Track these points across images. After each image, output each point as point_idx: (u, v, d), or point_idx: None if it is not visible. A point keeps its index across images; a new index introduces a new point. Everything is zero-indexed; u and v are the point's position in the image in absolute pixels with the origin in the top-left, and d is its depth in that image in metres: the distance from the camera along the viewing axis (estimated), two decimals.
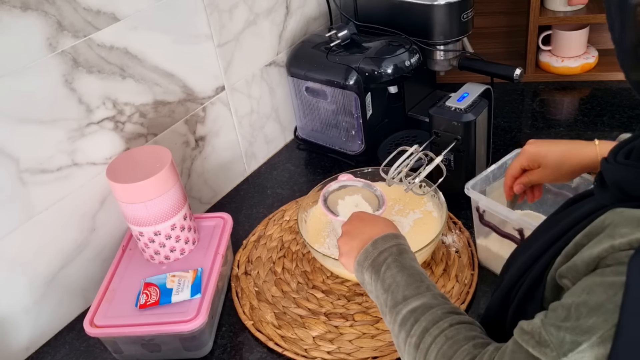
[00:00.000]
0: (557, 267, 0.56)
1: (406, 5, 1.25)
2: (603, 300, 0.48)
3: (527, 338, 0.52)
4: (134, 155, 0.99)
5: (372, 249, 0.74)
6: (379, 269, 0.72)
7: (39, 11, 0.86)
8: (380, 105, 1.31)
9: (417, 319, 0.64)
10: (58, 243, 0.99)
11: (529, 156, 0.87)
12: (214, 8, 1.15)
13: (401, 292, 0.67)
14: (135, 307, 0.93)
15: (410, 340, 0.63)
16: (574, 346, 0.48)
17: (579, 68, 1.53)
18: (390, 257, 0.72)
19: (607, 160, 0.57)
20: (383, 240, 0.74)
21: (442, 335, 0.61)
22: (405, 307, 0.66)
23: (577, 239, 0.54)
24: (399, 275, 0.69)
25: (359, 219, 0.82)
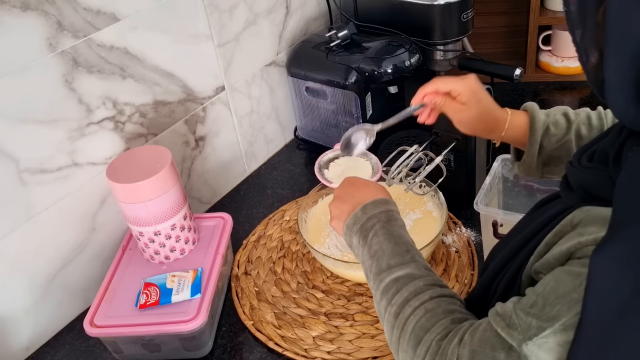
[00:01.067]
0: (530, 266, 0.58)
1: (406, 5, 1.25)
2: (569, 289, 0.49)
3: (499, 319, 0.54)
4: (134, 155, 0.99)
5: (362, 214, 0.74)
6: (366, 234, 0.72)
7: (39, 11, 0.86)
8: (380, 105, 1.31)
9: (399, 289, 0.64)
10: (58, 243, 0.99)
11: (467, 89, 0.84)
12: (214, 8, 1.15)
13: (386, 260, 0.68)
14: (135, 307, 0.93)
15: (391, 309, 0.64)
16: (538, 331, 0.50)
17: (579, 68, 1.52)
18: (378, 224, 0.72)
19: (571, 164, 0.59)
20: (373, 205, 0.74)
21: (421, 307, 0.62)
22: (389, 275, 0.66)
23: (547, 238, 0.56)
24: (385, 242, 0.70)
25: (351, 184, 0.82)
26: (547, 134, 0.82)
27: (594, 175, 0.54)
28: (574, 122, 0.83)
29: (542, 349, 0.50)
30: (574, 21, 0.50)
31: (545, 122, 0.82)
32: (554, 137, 0.82)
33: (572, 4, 0.49)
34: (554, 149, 0.82)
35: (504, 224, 0.94)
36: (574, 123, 0.83)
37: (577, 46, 0.51)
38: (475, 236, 1.09)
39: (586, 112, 0.84)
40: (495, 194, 1.04)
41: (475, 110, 0.84)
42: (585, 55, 0.50)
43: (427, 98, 0.87)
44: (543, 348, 0.50)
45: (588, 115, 0.83)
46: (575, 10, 0.49)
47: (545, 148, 0.83)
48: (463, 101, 0.84)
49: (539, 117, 0.83)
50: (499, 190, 1.06)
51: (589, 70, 0.50)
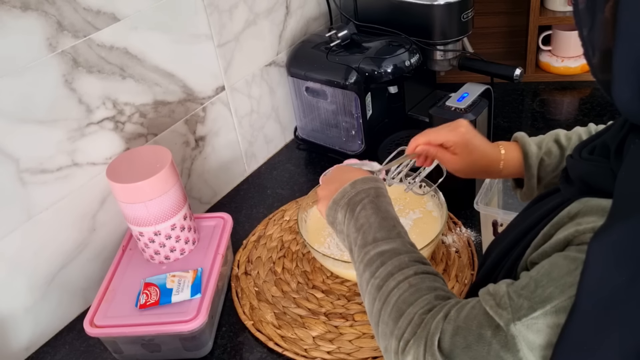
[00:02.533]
0: (526, 258, 0.58)
1: (406, 5, 1.25)
2: (563, 273, 0.50)
3: (489, 298, 0.54)
4: (134, 155, 0.99)
5: (350, 189, 0.74)
6: (354, 207, 0.72)
7: (39, 11, 0.86)
8: (380, 105, 1.31)
9: (384, 262, 0.64)
10: (58, 243, 0.99)
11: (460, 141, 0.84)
12: (214, 8, 1.15)
13: (372, 233, 0.68)
14: (135, 307, 0.93)
15: (374, 282, 0.64)
16: (529, 312, 0.50)
17: (579, 68, 1.53)
18: (366, 198, 0.72)
19: (571, 157, 0.59)
20: (362, 182, 0.74)
21: (405, 282, 0.62)
22: (374, 249, 0.66)
23: (545, 230, 0.57)
24: (373, 216, 0.70)
25: (340, 168, 0.82)
26: (542, 165, 0.82)
27: (594, 167, 0.55)
28: (567, 149, 0.82)
29: (530, 329, 0.50)
30: (581, 17, 0.50)
31: (539, 155, 0.82)
32: (549, 167, 0.82)
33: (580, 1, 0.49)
34: (552, 177, 0.83)
35: (504, 224, 0.94)
36: (567, 149, 0.82)
37: (584, 41, 0.51)
38: (475, 236, 1.09)
39: (578, 135, 0.83)
40: (495, 194, 1.04)
41: (468, 159, 0.84)
42: (592, 51, 0.50)
43: (419, 149, 0.87)
44: (532, 329, 0.50)
45: (580, 137, 0.83)
46: (584, 6, 0.49)
47: (543, 178, 0.83)
48: (456, 152, 0.84)
49: (532, 152, 0.82)
50: (499, 190, 1.06)
51: (594, 66, 0.50)
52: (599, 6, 0.47)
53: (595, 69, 0.50)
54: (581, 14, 0.50)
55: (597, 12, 0.47)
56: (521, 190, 0.86)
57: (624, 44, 0.45)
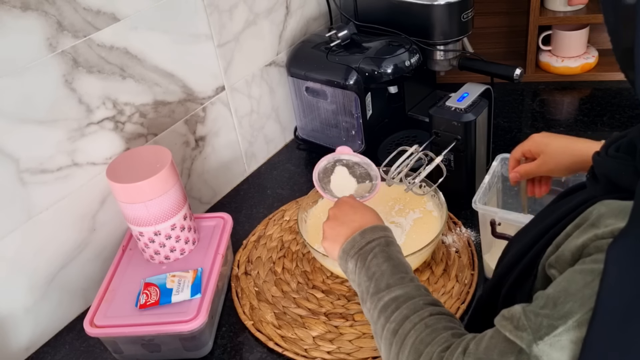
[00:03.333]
0: (547, 257, 0.57)
1: (406, 5, 1.25)
2: (581, 286, 0.48)
3: (506, 323, 0.53)
4: (134, 155, 0.99)
5: (360, 238, 0.74)
6: (365, 257, 0.72)
7: (39, 11, 0.86)
8: (380, 105, 1.31)
9: (399, 307, 0.64)
10: (58, 243, 0.99)
11: (532, 143, 0.89)
12: (214, 8, 1.15)
13: (385, 280, 0.68)
14: (135, 307, 0.93)
15: (390, 326, 0.63)
16: (550, 330, 0.49)
17: (579, 68, 1.53)
18: (377, 247, 0.72)
19: (598, 154, 0.59)
20: (372, 231, 0.75)
21: (421, 323, 0.61)
22: (388, 294, 0.66)
23: (568, 229, 0.55)
24: (384, 264, 0.70)
25: (349, 206, 0.82)
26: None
27: (619, 164, 0.54)
28: None
29: (554, 347, 0.48)
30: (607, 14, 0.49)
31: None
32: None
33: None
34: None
35: (502, 223, 0.94)
36: None
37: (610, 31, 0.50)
38: (476, 236, 1.09)
39: None
40: (494, 193, 1.04)
41: (564, 161, 0.86)
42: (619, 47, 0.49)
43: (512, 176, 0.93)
44: (555, 347, 0.48)
45: None
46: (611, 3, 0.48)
47: None
48: (535, 155, 0.88)
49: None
50: (498, 190, 1.06)
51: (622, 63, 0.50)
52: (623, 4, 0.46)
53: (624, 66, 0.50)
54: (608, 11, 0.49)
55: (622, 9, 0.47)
56: None
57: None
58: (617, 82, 1.51)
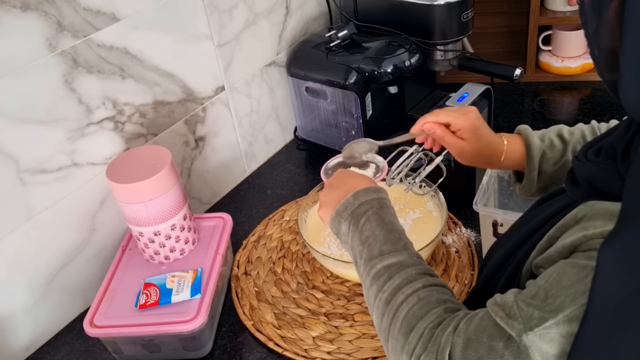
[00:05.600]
0: (531, 260, 0.58)
1: (406, 5, 1.25)
2: (573, 281, 0.49)
3: (498, 309, 0.54)
4: (134, 155, 0.99)
5: (353, 200, 0.73)
6: (358, 219, 0.71)
7: (39, 11, 0.86)
8: (380, 105, 1.31)
9: (391, 276, 0.64)
10: (58, 243, 0.99)
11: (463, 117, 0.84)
12: (214, 8, 1.15)
13: (378, 246, 0.67)
14: (135, 308, 0.93)
15: (382, 296, 0.63)
16: (540, 322, 0.50)
17: (579, 68, 1.53)
18: (370, 210, 0.71)
19: (577, 159, 0.59)
20: (365, 192, 0.74)
21: (414, 295, 0.61)
22: (381, 262, 0.66)
23: (551, 232, 0.56)
24: (377, 229, 0.69)
25: (343, 173, 0.82)
26: (544, 158, 0.82)
27: (601, 169, 0.54)
28: (569, 143, 0.82)
29: (543, 339, 0.50)
30: (587, 16, 0.49)
31: (541, 148, 0.82)
32: (551, 160, 0.82)
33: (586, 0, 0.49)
34: (553, 171, 0.82)
35: (504, 224, 0.94)
36: (570, 143, 0.82)
37: (589, 41, 0.50)
38: (475, 236, 1.09)
39: (581, 130, 0.83)
40: (491, 194, 1.04)
41: (475, 146, 0.84)
42: (598, 50, 0.49)
43: (427, 126, 0.86)
44: (544, 339, 0.49)
45: (582, 133, 0.83)
46: (589, 5, 0.48)
47: (545, 172, 0.82)
48: (463, 137, 0.84)
49: (535, 144, 0.82)
50: (495, 190, 1.06)
51: (600, 65, 0.50)
52: (604, 5, 0.46)
53: (602, 68, 0.50)
54: (587, 13, 0.49)
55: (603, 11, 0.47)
56: (520, 184, 0.85)
57: (631, 44, 0.45)
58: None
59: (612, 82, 0.49)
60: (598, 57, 0.50)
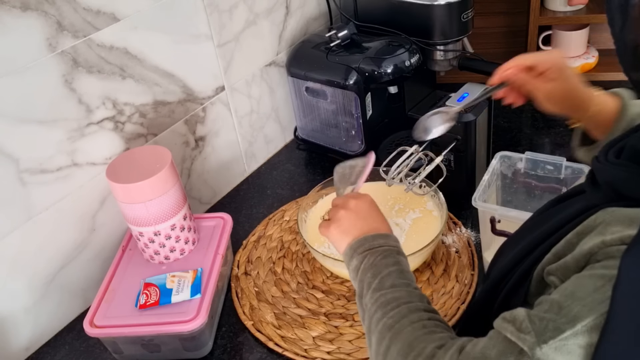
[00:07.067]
0: (545, 265, 0.56)
1: (406, 5, 1.25)
2: (590, 291, 0.48)
3: (507, 325, 0.52)
4: (134, 155, 0.99)
5: (372, 240, 0.73)
6: (375, 255, 0.71)
7: (39, 11, 0.86)
8: (380, 105, 1.31)
9: (399, 305, 0.63)
10: (58, 243, 0.99)
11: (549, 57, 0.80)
12: (214, 8, 1.15)
13: (391, 280, 0.67)
14: (135, 308, 0.93)
15: (386, 321, 0.62)
16: (556, 334, 0.48)
17: (579, 68, 1.52)
18: (388, 251, 0.71)
19: (598, 160, 0.57)
20: (385, 237, 0.74)
21: (419, 323, 0.61)
22: (392, 293, 0.65)
23: (569, 237, 0.54)
24: (393, 267, 0.69)
25: (372, 207, 0.79)
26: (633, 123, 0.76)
27: (623, 172, 0.53)
28: None
29: (560, 352, 0.48)
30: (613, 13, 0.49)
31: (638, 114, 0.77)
32: None
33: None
34: None
35: (502, 220, 0.94)
36: None
37: (615, 38, 0.49)
38: (476, 236, 1.09)
39: None
40: (493, 191, 1.04)
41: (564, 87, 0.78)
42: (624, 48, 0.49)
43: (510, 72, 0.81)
44: (561, 351, 0.48)
45: None
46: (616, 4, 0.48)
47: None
48: (552, 77, 0.78)
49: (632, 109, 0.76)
50: (498, 187, 1.06)
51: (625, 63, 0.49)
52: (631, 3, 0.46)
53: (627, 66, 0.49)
54: (613, 11, 0.49)
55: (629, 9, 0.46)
56: (586, 147, 0.81)
57: None
58: (617, 82, 1.50)
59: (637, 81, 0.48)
60: (624, 55, 0.49)
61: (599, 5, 1.49)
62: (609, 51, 1.58)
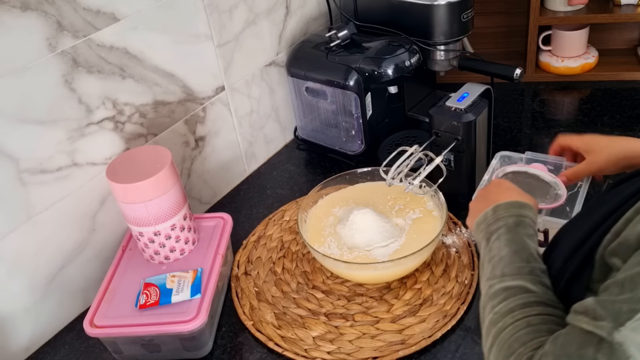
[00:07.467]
0: (606, 245, 0.56)
1: (406, 5, 1.25)
2: None
3: (580, 317, 0.52)
4: (133, 155, 0.99)
5: (491, 214, 0.72)
6: (489, 237, 0.70)
7: (39, 11, 0.86)
8: (380, 105, 1.31)
9: (507, 298, 0.62)
10: (58, 243, 0.99)
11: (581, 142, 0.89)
12: (214, 8, 1.15)
13: (501, 267, 0.65)
14: (135, 308, 0.93)
15: (492, 317, 0.61)
16: (631, 314, 0.48)
17: (579, 68, 1.53)
18: (503, 228, 0.70)
19: None
20: (505, 207, 0.72)
21: (523, 320, 0.59)
22: (500, 283, 0.64)
23: (628, 215, 0.54)
24: (505, 249, 0.67)
25: (496, 184, 0.81)
26: None
27: None
28: None
29: (638, 331, 0.48)
30: None
31: None
32: None
33: None
34: None
35: None
36: None
37: None
38: None
39: None
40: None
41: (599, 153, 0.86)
42: None
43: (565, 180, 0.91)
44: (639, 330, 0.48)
45: None
46: None
47: None
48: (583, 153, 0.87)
49: None
50: None
51: None
52: None
53: None
54: None
55: None
56: None
57: None
58: (617, 82, 1.51)
59: None
60: None
61: (599, 5, 1.49)
62: (609, 51, 1.58)
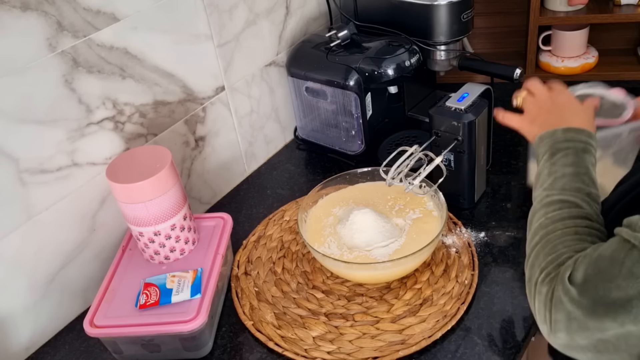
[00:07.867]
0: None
1: (406, 5, 1.25)
2: None
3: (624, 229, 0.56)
4: (134, 155, 0.99)
5: (561, 134, 0.74)
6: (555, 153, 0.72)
7: (39, 11, 0.86)
8: (380, 105, 1.31)
9: (562, 208, 0.65)
10: (58, 243, 0.99)
11: None
12: (214, 8, 1.15)
13: (562, 183, 0.68)
14: (135, 308, 0.93)
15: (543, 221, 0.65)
16: None
17: (579, 68, 1.53)
18: (571, 149, 0.72)
19: None
20: (576, 132, 0.74)
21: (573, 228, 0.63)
22: (559, 195, 0.67)
23: None
24: (569, 168, 0.70)
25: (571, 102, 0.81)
26: None
27: None
28: None
29: None
30: None
31: None
32: None
33: None
34: None
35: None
36: None
37: None
38: (475, 236, 1.09)
39: None
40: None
41: None
42: None
43: None
44: None
45: None
46: None
47: None
48: None
49: None
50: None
51: None
52: None
53: None
54: None
55: None
56: None
57: None
58: (617, 82, 1.50)
59: None
60: None
61: (599, 5, 1.49)
62: (609, 51, 1.58)
